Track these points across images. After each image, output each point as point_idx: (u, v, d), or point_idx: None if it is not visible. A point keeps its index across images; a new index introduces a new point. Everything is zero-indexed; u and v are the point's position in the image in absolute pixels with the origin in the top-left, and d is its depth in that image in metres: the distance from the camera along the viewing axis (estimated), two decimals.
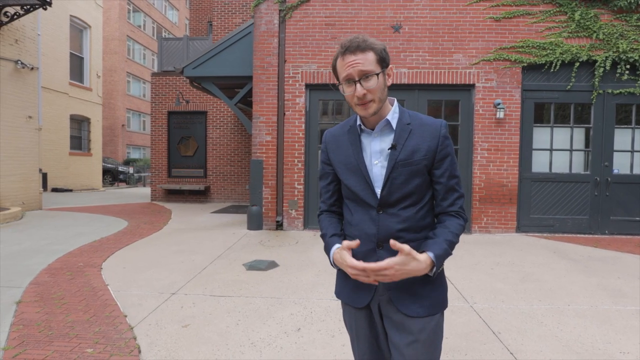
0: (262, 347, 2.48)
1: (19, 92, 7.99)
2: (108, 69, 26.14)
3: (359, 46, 1.11)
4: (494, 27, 6.25)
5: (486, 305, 3.18)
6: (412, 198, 1.19)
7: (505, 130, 6.14)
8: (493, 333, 2.68)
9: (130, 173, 20.08)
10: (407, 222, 1.18)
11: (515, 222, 6.13)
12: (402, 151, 1.18)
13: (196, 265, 4.29)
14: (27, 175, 8.29)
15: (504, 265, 4.33)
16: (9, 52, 7.75)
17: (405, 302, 1.17)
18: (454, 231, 1.16)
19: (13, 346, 2.47)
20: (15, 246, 5.08)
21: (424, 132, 1.20)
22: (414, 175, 1.18)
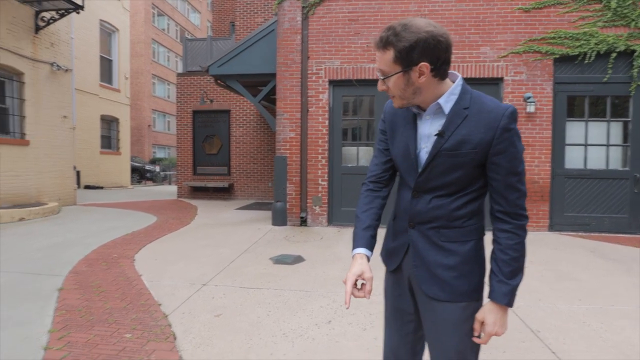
0: (294, 337, 2.51)
1: (54, 93, 8.35)
2: (134, 72, 26.94)
3: (379, 44, 1.09)
4: (523, 18, 6.07)
5: (522, 303, 3.09)
6: (449, 188, 1.15)
7: (536, 125, 5.95)
8: (532, 331, 2.60)
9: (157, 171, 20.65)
10: (439, 210, 1.16)
11: (548, 221, 5.93)
12: (449, 139, 1.10)
13: (224, 258, 4.37)
14: (63, 172, 8.65)
15: (538, 264, 4.20)
16: (46, 55, 8.10)
17: (427, 283, 1.18)
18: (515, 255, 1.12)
19: (58, 329, 2.59)
20: (54, 238, 5.31)
21: (480, 120, 1.09)
22: (457, 167, 1.11)
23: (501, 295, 1.10)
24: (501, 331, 1.11)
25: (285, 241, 5.28)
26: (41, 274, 3.75)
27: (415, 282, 1.21)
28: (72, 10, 7.87)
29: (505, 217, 1.13)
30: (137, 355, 2.27)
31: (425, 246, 1.18)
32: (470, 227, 1.16)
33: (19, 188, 7.54)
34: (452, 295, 1.15)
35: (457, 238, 1.16)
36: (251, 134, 10.96)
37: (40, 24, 7.82)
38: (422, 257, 1.18)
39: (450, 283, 1.15)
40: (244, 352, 2.31)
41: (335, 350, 2.33)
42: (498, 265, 1.12)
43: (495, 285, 1.12)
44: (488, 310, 1.12)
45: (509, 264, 1.11)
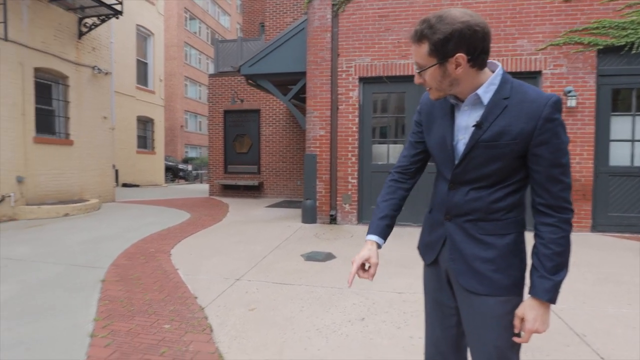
0: (328, 333, 2.50)
1: (95, 95, 8.77)
2: (168, 74, 27.88)
3: (414, 37, 1.08)
4: (564, 9, 5.78)
5: (565, 306, 2.94)
6: (487, 180, 1.12)
7: (578, 120, 5.65)
8: (577, 335, 2.47)
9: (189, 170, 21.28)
10: (477, 202, 1.13)
11: (590, 221, 5.62)
12: (488, 130, 1.07)
13: (256, 254, 4.44)
14: (103, 171, 9.08)
15: (581, 266, 3.99)
16: (88, 59, 8.53)
17: (465, 276, 1.15)
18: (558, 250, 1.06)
19: (102, 318, 2.71)
20: (96, 233, 5.58)
21: (521, 110, 1.05)
22: (496, 158, 1.08)
23: (542, 291, 1.05)
24: (542, 329, 1.07)
25: (316, 238, 5.29)
26: (85, 266, 3.95)
27: (453, 275, 1.19)
28: (112, 15, 8.24)
29: (548, 210, 1.08)
30: (176, 345, 2.34)
31: (463, 239, 1.15)
32: (510, 220, 1.12)
33: (63, 185, 7.98)
34: (490, 289, 1.11)
35: (495, 231, 1.12)
36: (280, 133, 11.07)
37: (83, 30, 8.24)
38: (459, 250, 1.16)
39: (489, 276, 1.11)
40: (278, 345, 2.34)
41: (370, 348, 2.31)
42: (540, 260, 1.08)
43: (536, 280, 1.07)
44: (528, 306, 1.08)
45: (552, 258, 1.06)
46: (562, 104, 5.34)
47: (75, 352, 2.26)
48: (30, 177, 7.25)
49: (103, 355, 2.22)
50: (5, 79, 6.70)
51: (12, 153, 6.87)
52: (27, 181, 7.15)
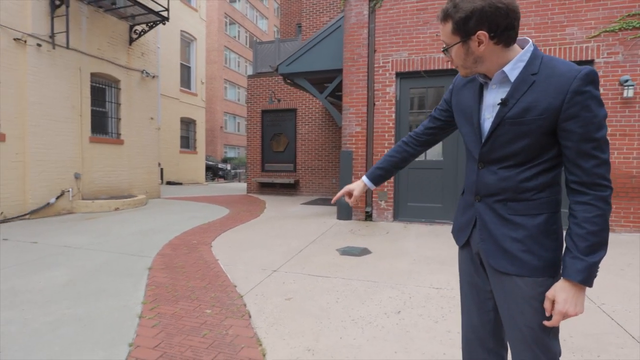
0: (363, 324, 2.50)
1: (143, 97, 9.31)
2: (208, 77, 28.96)
3: (440, 17, 1.11)
4: None
5: (619, 307, 2.75)
6: (516, 158, 1.09)
7: (635, 112, 5.23)
8: (632, 337, 2.30)
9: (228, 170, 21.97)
10: (505, 182, 1.11)
11: None
12: (513, 107, 1.06)
13: (292, 248, 4.51)
14: (150, 169, 9.61)
15: (638, 267, 3.70)
16: (137, 64, 9.06)
17: (495, 256, 1.14)
18: (593, 229, 1.00)
19: (149, 301, 2.88)
20: (143, 226, 5.92)
21: (549, 85, 1.02)
22: (523, 135, 1.06)
23: (575, 272, 1.00)
24: (573, 311, 1.02)
25: (351, 234, 5.29)
26: (134, 255, 4.21)
27: (484, 256, 1.17)
28: (159, 22, 8.70)
29: (581, 187, 1.04)
30: (216, 329, 2.44)
31: (492, 219, 1.14)
32: (542, 199, 1.09)
33: (114, 182, 8.53)
34: (521, 270, 1.09)
35: (526, 211, 1.09)
36: (316, 132, 11.16)
37: (133, 37, 8.78)
38: (489, 230, 1.15)
39: (519, 257, 1.09)
40: (314, 333, 2.37)
41: (406, 340, 2.29)
42: (573, 240, 1.03)
43: (568, 261, 1.03)
44: (559, 287, 1.04)
45: (586, 238, 1.00)
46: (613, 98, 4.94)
47: (125, 330, 2.43)
48: (86, 173, 7.82)
49: (150, 335, 2.36)
50: (66, 84, 7.28)
51: (71, 151, 7.45)
52: (83, 177, 7.72)
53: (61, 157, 7.24)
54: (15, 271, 3.61)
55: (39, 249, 4.48)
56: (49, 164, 7.00)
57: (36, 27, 6.69)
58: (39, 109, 6.78)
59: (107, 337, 2.33)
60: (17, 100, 6.50)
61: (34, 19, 6.66)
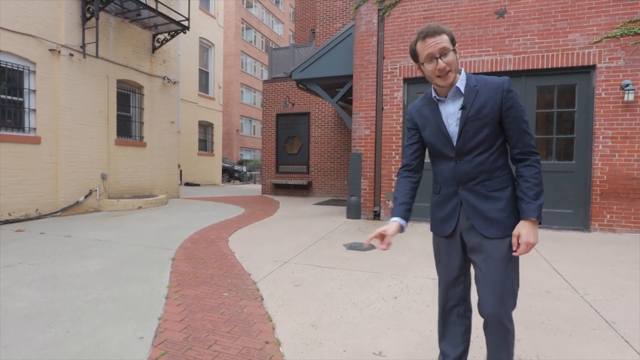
0: (362, 307, 2.81)
1: (165, 102, 9.83)
2: (225, 81, 29.69)
3: (436, 30, 1.44)
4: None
5: (600, 297, 2.97)
6: (483, 145, 1.48)
7: (636, 115, 5.37)
8: (606, 322, 2.53)
9: (243, 171, 22.51)
10: (481, 166, 1.49)
11: None
12: (471, 109, 1.47)
13: (303, 243, 4.84)
14: (170, 170, 10.12)
15: (629, 264, 3.88)
16: (159, 70, 9.60)
17: (486, 227, 1.47)
18: (535, 182, 1.45)
19: (173, 286, 3.26)
20: (165, 222, 6.36)
21: (489, 90, 1.47)
22: (482, 127, 1.46)
23: (531, 212, 1.42)
24: (533, 240, 1.41)
25: (359, 232, 5.59)
26: (158, 248, 4.61)
27: (470, 231, 1.51)
28: (180, 31, 9.21)
29: (524, 155, 1.49)
30: (233, 308, 2.79)
31: (476, 199, 1.50)
32: (506, 175, 1.51)
33: (137, 182, 9.05)
34: (505, 231, 1.47)
35: (499, 186, 1.49)
36: (329, 135, 11.49)
37: (156, 45, 9.32)
38: (475, 208, 1.49)
39: (504, 222, 1.47)
40: (318, 312, 2.69)
41: (399, 319, 2.58)
42: (524, 192, 1.45)
43: (524, 206, 1.44)
44: (522, 225, 1.44)
45: (532, 188, 1.44)
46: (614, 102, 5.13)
47: (154, 308, 2.80)
48: (112, 174, 8.35)
49: (176, 312, 2.72)
50: (95, 90, 7.83)
51: (99, 153, 7.99)
52: (109, 178, 8.25)
53: (89, 159, 7.77)
54: (54, 260, 4.05)
55: (73, 241, 4.94)
56: (79, 165, 7.54)
57: (69, 38, 7.25)
58: (71, 114, 7.33)
59: (140, 313, 2.70)
60: (51, 106, 7.06)
61: (67, 30, 7.22)
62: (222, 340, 2.30)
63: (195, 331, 2.41)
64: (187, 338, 2.32)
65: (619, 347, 2.17)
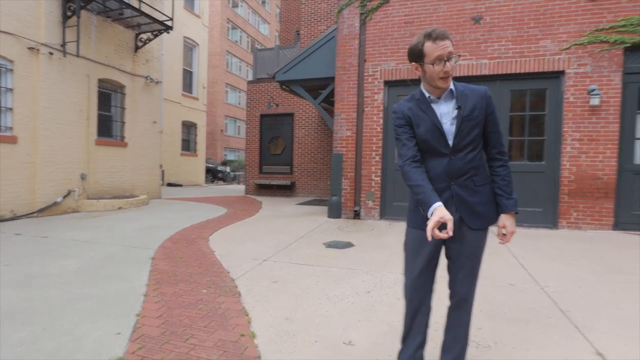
0: (336, 301, 2.92)
1: (147, 102, 9.76)
2: (210, 81, 29.48)
3: (445, 35, 1.56)
4: (589, 8, 5.81)
5: (559, 289, 3.16)
6: (473, 144, 1.65)
7: (601, 119, 5.66)
8: (560, 310, 2.71)
9: (227, 172, 22.40)
10: (471, 162, 1.65)
11: (613, 219, 5.59)
12: (465, 110, 1.63)
13: (283, 242, 4.93)
14: (152, 170, 10.05)
15: (590, 259, 4.11)
16: (142, 70, 9.53)
17: (472, 219, 1.64)
18: (510, 180, 1.70)
19: (152, 284, 3.30)
20: (145, 223, 6.35)
21: (475, 96, 1.65)
22: (474, 127, 1.63)
23: (512, 207, 1.65)
24: (514, 229, 1.67)
25: (339, 230, 5.71)
26: (137, 248, 4.62)
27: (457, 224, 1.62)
28: (163, 30, 9.17)
29: (499, 155, 1.71)
30: (211, 304, 2.86)
31: (466, 193, 1.65)
32: (486, 172, 1.71)
33: (118, 182, 8.96)
34: (486, 223, 1.66)
35: (482, 182, 1.67)
36: (312, 135, 11.60)
37: (138, 44, 9.25)
38: (465, 202, 1.64)
39: (486, 215, 1.66)
40: (294, 307, 2.78)
41: (370, 312, 2.70)
42: (502, 189, 1.67)
43: (505, 202, 1.66)
44: (506, 219, 1.66)
45: (509, 186, 1.68)
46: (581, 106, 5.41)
47: (132, 305, 2.84)
48: (92, 174, 8.25)
49: (154, 308, 2.77)
50: (75, 89, 7.74)
51: (78, 153, 7.89)
52: (88, 178, 8.15)
53: (69, 159, 7.67)
54: (31, 261, 4.03)
55: (49, 242, 4.90)
56: (57, 165, 7.44)
57: (49, 36, 7.16)
58: (50, 113, 7.23)
59: (118, 310, 2.75)
60: (30, 105, 6.95)
61: (47, 29, 7.13)
62: (198, 334, 2.37)
63: (172, 326, 2.48)
64: (164, 333, 2.38)
65: (570, 333, 2.34)
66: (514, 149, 6.27)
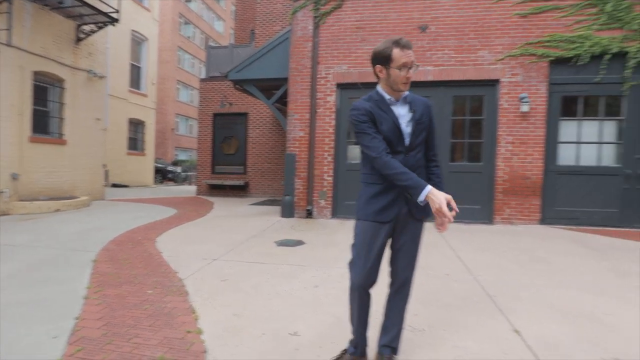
0: (286, 296, 2.99)
1: (90, 97, 9.20)
2: (160, 78, 28.27)
3: (410, 45, 1.74)
4: (521, 23, 6.38)
5: (489, 277, 3.47)
6: (420, 145, 1.86)
7: (530, 124, 6.24)
8: (488, 296, 2.99)
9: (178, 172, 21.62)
10: (419, 161, 1.86)
11: (540, 214, 6.20)
12: (416, 115, 1.83)
13: (234, 241, 4.91)
14: (94, 170, 9.48)
15: (517, 250, 4.53)
16: (84, 64, 8.97)
17: (418, 210, 1.83)
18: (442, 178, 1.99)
19: (94, 286, 3.17)
20: (87, 225, 6.00)
21: (420, 104, 1.87)
22: (422, 130, 1.85)
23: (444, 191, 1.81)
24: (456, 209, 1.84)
25: (291, 229, 5.78)
26: (78, 250, 4.38)
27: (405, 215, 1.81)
28: (109, 23, 8.70)
29: (434, 157, 1.97)
30: (157, 304, 2.81)
31: None
32: (424, 170, 1.91)
33: (56, 183, 8.37)
34: (427, 214, 1.84)
35: (424, 178, 1.82)
36: (267, 135, 11.57)
37: (80, 36, 8.70)
38: None
39: (425, 206, 1.79)
40: (243, 304, 2.82)
41: (317, 305, 2.80)
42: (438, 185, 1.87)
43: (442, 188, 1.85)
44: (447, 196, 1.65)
45: (442, 182, 1.96)
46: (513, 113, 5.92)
47: (71, 308, 2.72)
48: (25, 174, 7.63)
49: (95, 310, 2.68)
50: (5, 82, 7.12)
51: (9, 151, 7.27)
52: (21, 178, 7.54)
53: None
54: None
55: None
56: None
57: None
58: None
59: (55, 314, 2.62)
60: None
61: None
62: (143, 333, 2.33)
63: (115, 327, 2.41)
64: (105, 334, 2.32)
65: (494, 315, 2.60)
66: (457, 150, 6.72)
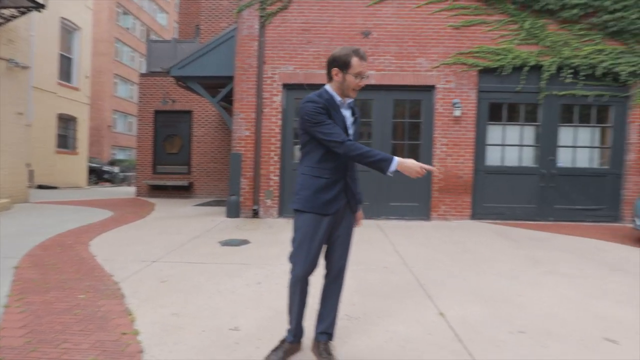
0: (227, 294, 2.99)
1: (11, 89, 8.34)
2: (96, 70, 26.30)
3: (366, 57, 1.92)
4: (454, 34, 6.91)
5: (422, 269, 3.74)
6: None
7: (462, 127, 6.78)
8: (419, 285, 3.24)
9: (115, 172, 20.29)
10: None
11: (470, 210, 6.76)
12: (357, 120, 2.06)
13: (176, 242, 4.77)
14: (16, 169, 8.61)
15: (449, 244, 4.91)
16: (3, 52, 8.11)
17: (354, 203, 2.03)
18: None
19: (15, 294, 2.93)
20: (8, 230, 5.46)
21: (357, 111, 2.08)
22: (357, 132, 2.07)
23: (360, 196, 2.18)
24: None
25: (236, 229, 5.73)
26: None
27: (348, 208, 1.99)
28: (33, 8, 7.96)
29: None
30: (89, 308, 2.67)
31: (353, 183, 2.03)
32: None
33: None
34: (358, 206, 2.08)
35: (356, 175, 2.07)
36: (212, 134, 11.29)
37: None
38: (351, 189, 2.01)
39: (360, 199, 2.09)
40: (182, 303, 2.77)
41: (259, 300, 2.84)
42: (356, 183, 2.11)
43: None
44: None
45: None
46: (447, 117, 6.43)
47: None
48: None
49: (17, 319, 2.48)
50: None
51: None
52: None
53: None
54: None
55: None
56: None
57: None
58: None
59: None
60: None
61: None
62: (73, 338, 2.22)
63: (40, 334, 2.26)
64: (29, 342, 2.17)
65: (423, 301, 2.84)
66: (398, 151, 7.08)
